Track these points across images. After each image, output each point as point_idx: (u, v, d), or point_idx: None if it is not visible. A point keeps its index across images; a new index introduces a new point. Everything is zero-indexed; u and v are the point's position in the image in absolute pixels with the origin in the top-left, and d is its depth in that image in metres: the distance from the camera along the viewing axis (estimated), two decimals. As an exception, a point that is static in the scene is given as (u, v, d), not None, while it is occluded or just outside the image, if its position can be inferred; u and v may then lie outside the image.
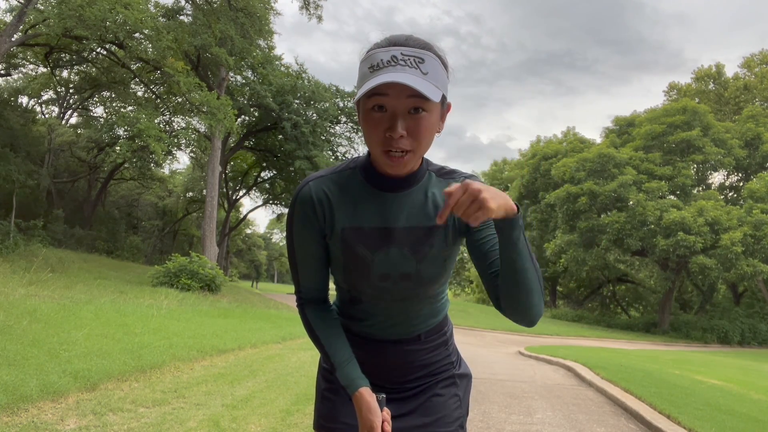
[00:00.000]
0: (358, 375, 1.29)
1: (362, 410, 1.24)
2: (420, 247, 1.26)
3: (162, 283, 15.59)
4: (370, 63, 1.12)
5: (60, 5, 14.94)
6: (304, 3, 22.68)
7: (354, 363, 1.31)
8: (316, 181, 1.29)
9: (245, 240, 57.71)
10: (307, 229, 1.29)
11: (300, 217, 1.28)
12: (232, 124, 19.48)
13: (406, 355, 1.39)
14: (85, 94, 29.51)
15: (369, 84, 1.08)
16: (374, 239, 1.26)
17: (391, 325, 1.36)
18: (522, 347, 14.12)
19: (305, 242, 1.31)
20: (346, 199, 1.27)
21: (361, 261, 1.27)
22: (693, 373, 10.37)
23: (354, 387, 1.27)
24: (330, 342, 1.34)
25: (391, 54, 1.10)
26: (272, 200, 36.27)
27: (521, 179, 35.61)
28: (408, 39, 1.14)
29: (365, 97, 1.12)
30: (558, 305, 40.80)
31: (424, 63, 1.11)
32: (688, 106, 30.47)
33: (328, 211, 1.27)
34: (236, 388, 5.23)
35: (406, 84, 1.06)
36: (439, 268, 1.29)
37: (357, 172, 1.29)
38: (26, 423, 3.42)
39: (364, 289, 1.31)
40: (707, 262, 25.20)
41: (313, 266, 1.34)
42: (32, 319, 6.40)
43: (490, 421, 5.21)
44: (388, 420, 1.25)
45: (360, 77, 1.16)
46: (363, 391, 1.26)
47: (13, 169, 21.14)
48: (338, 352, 1.32)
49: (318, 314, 1.37)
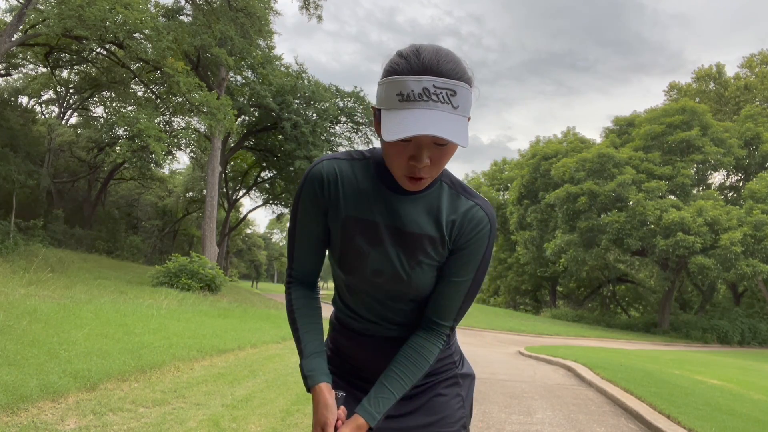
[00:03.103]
0: (322, 370, 1.29)
1: (318, 405, 1.24)
2: (416, 253, 1.26)
3: (162, 283, 15.58)
4: (399, 90, 1.07)
5: (60, 5, 14.94)
6: (304, 3, 22.67)
7: (322, 357, 1.31)
8: (329, 161, 1.29)
9: (245, 240, 57.75)
10: (312, 206, 1.29)
11: (307, 194, 1.29)
12: (232, 124, 19.48)
13: None
14: (85, 94, 29.51)
15: (401, 128, 1.05)
16: (374, 235, 1.27)
17: (388, 323, 1.36)
18: (522, 347, 14.12)
19: (308, 220, 1.31)
20: (355, 187, 1.27)
21: (357, 252, 1.28)
22: (693, 373, 10.37)
23: (314, 380, 1.27)
24: (306, 329, 1.34)
25: (423, 86, 1.06)
26: (272, 200, 36.27)
27: (521, 179, 35.61)
28: (440, 63, 1.08)
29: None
30: (558, 305, 40.82)
31: (455, 96, 1.07)
32: (687, 106, 30.48)
33: (335, 193, 1.27)
34: (236, 388, 5.23)
35: (438, 136, 1.03)
36: (429, 277, 1.29)
37: (370, 165, 1.29)
38: (26, 423, 3.42)
39: (359, 281, 1.31)
40: (707, 262, 25.21)
41: (310, 246, 1.34)
42: (32, 319, 6.40)
43: (490, 421, 5.20)
44: (343, 418, 1.24)
45: (385, 98, 1.10)
46: (323, 386, 1.26)
47: (13, 169, 21.15)
48: (310, 342, 1.32)
49: (302, 298, 1.37)
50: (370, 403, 1.25)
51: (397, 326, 1.36)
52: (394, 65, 1.11)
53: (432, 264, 1.28)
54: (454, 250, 1.27)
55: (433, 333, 1.31)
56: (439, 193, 1.27)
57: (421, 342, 1.30)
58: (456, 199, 1.27)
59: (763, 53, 37.81)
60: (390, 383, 1.27)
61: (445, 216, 1.26)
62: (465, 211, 1.26)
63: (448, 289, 1.29)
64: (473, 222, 1.26)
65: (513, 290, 45.05)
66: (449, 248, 1.28)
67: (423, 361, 1.30)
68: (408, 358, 1.29)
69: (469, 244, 1.26)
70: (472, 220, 1.26)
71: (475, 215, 1.26)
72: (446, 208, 1.26)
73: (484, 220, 1.26)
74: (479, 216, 1.26)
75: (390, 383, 1.27)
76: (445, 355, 1.44)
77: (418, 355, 1.30)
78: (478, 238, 1.26)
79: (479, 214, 1.27)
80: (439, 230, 1.26)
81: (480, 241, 1.27)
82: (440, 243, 1.26)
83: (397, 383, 1.27)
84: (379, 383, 1.28)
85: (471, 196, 1.28)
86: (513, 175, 40.28)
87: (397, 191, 1.25)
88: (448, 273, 1.28)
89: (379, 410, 1.25)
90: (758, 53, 38.27)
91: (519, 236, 36.62)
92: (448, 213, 1.26)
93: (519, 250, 38.15)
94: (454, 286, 1.29)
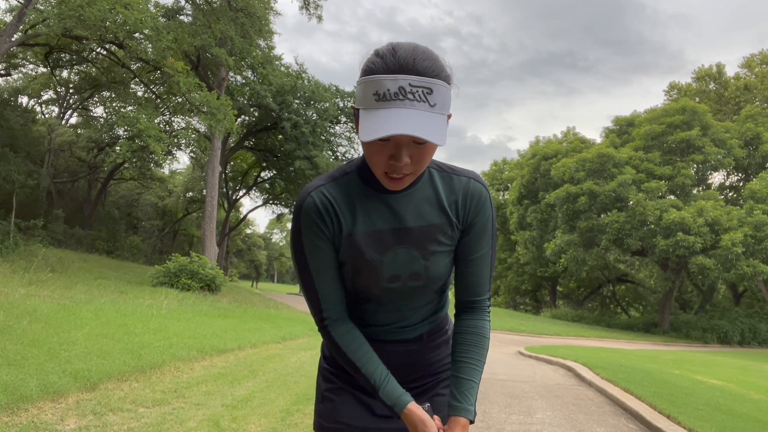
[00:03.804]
0: (401, 392, 1.27)
1: (417, 426, 1.23)
2: (427, 245, 1.27)
3: (162, 283, 15.59)
4: (375, 89, 1.07)
5: (60, 5, 14.94)
6: (303, 3, 22.67)
7: (393, 380, 1.29)
8: (316, 190, 1.25)
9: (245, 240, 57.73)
10: (318, 239, 1.24)
11: (308, 228, 1.24)
12: (232, 124, 19.48)
13: (410, 355, 1.38)
14: (85, 94, 29.51)
15: (376, 127, 1.05)
16: (382, 241, 1.26)
17: (396, 326, 1.36)
18: (522, 347, 14.11)
19: (319, 253, 1.25)
20: (349, 205, 1.26)
21: (370, 264, 1.26)
22: (693, 373, 10.37)
23: (401, 405, 1.25)
24: (365, 362, 1.29)
25: (399, 85, 1.06)
26: (272, 200, 36.29)
27: (521, 179, 35.61)
28: (416, 62, 1.08)
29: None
30: (558, 305, 40.82)
31: (432, 94, 1.07)
32: (687, 105, 30.47)
33: (335, 218, 1.24)
34: (236, 388, 5.23)
35: (414, 135, 1.04)
36: (445, 264, 1.30)
37: (355, 177, 1.27)
38: (26, 423, 3.42)
39: (372, 290, 1.29)
40: (707, 262, 25.21)
41: (331, 278, 1.28)
42: (32, 319, 6.40)
43: (490, 421, 5.20)
44: (440, 425, 1.25)
45: (362, 98, 1.10)
46: (411, 407, 1.24)
47: (13, 169, 21.15)
48: (376, 372, 1.28)
49: (348, 334, 1.30)
50: (458, 399, 1.26)
51: (412, 327, 1.36)
52: (371, 64, 1.11)
53: (445, 250, 1.29)
54: (466, 229, 1.30)
55: (477, 311, 1.34)
56: (430, 180, 1.28)
57: (471, 323, 1.33)
58: (450, 180, 1.29)
59: (763, 53, 37.81)
60: (465, 373, 1.29)
61: (446, 199, 1.27)
62: (463, 189, 1.29)
63: (473, 267, 1.32)
64: (474, 196, 1.29)
65: (513, 290, 45.04)
66: (459, 229, 1.29)
67: (482, 339, 1.33)
68: (467, 343, 1.32)
69: (477, 218, 1.30)
70: (474, 195, 1.29)
71: (474, 189, 1.29)
72: (443, 191, 1.28)
73: (480, 189, 1.30)
74: (477, 188, 1.29)
75: (465, 373, 1.29)
76: (445, 355, 1.44)
77: (476, 336, 1.32)
78: (483, 209, 1.30)
79: (476, 187, 1.30)
80: (445, 215, 1.27)
81: (486, 212, 1.30)
82: (449, 227, 1.28)
83: (471, 370, 1.29)
84: (455, 378, 1.30)
85: (461, 173, 1.31)
86: (513, 175, 40.27)
87: (388, 191, 1.25)
88: (469, 251, 1.31)
89: (470, 402, 1.27)
90: (758, 53, 38.30)
91: (519, 236, 36.62)
92: (447, 195, 1.28)
93: (519, 250, 38.13)
94: (478, 262, 1.32)
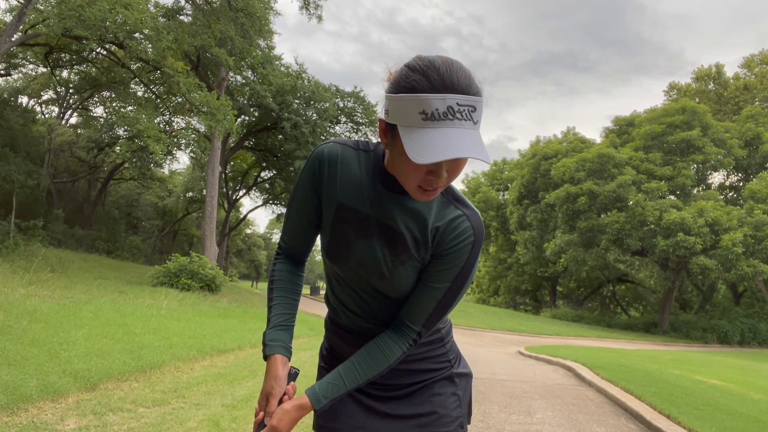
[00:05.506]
0: (282, 343, 1.33)
1: (269, 376, 1.29)
2: (400, 252, 1.27)
3: (162, 283, 15.58)
4: (423, 108, 1.05)
5: (60, 5, 14.93)
6: (304, 3, 22.66)
7: (286, 331, 1.35)
8: (335, 144, 1.31)
9: (245, 240, 57.73)
10: (309, 184, 1.32)
11: (307, 172, 1.32)
12: (231, 124, 19.47)
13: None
14: (85, 94, 29.50)
15: (429, 148, 1.03)
16: (363, 226, 1.28)
17: (375, 319, 1.36)
18: (522, 347, 14.11)
19: (304, 198, 1.34)
20: (352, 176, 1.28)
21: (344, 240, 1.30)
22: (693, 373, 10.37)
23: (271, 350, 1.31)
24: (279, 302, 1.38)
25: (447, 104, 1.05)
26: (272, 200, 36.27)
27: (521, 179, 35.63)
28: (459, 80, 1.06)
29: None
30: (558, 305, 40.83)
31: (475, 111, 1.07)
32: (687, 106, 30.49)
33: (332, 175, 1.29)
34: (236, 388, 5.23)
35: (470, 156, 1.03)
36: (411, 278, 1.29)
37: (370, 160, 1.29)
38: (26, 423, 3.42)
39: (344, 271, 1.33)
40: (707, 262, 25.21)
41: (302, 223, 1.37)
42: (32, 319, 6.40)
43: (490, 421, 5.20)
44: (291, 394, 1.28)
45: (404, 115, 1.07)
46: (277, 357, 1.30)
47: (13, 169, 21.14)
48: (279, 314, 1.36)
49: (285, 271, 1.42)
50: (321, 386, 1.27)
51: (383, 325, 1.36)
52: (413, 82, 1.07)
53: (415, 265, 1.28)
54: (434, 256, 1.28)
55: (400, 334, 1.31)
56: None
57: (387, 341, 1.31)
58: (445, 207, 1.27)
59: (763, 53, 37.83)
60: (346, 374, 1.28)
61: (431, 222, 1.26)
62: (450, 220, 1.26)
63: (422, 292, 1.29)
64: (456, 232, 1.25)
65: (513, 290, 45.06)
66: (430, 253, 1.28)
67: (383, 359, 1.30)
68: (370, 353, 1.30)
69: (448, 252, 1.26)
70: (456, 229, 1.25)
71: (460, 225, 1.25)
72: (434, 214, 1.27)
73: (467, 231, 1.25)
74: (464, 227, 1.25)
75: (346, 374, 1.28)
76: (439, 353, 1.43)
77: (380, 353, 1.30)
78: (459, 248, 1.25)
79: (464, 225, 1.25)
80: (423, 234, 1.26)
81: (460, 252, 1.25)
82: (423, 246, 1.27)
83: (352, 375, 1.28)
84: (336, 371, 1.30)
85: (460, 206, 1.28)
86: (513, 175, 40.28)
87: (392, 190, 1.26)
88: (425, 277, 1.29)
89: (327, 396, 1.26)
90: (758, 53, 38.34)
91: (519, 236, 36.63)
92: (434, 219, 1.26)
93: (519, 250, 38.15)
94: (428, 291, 1.28)
